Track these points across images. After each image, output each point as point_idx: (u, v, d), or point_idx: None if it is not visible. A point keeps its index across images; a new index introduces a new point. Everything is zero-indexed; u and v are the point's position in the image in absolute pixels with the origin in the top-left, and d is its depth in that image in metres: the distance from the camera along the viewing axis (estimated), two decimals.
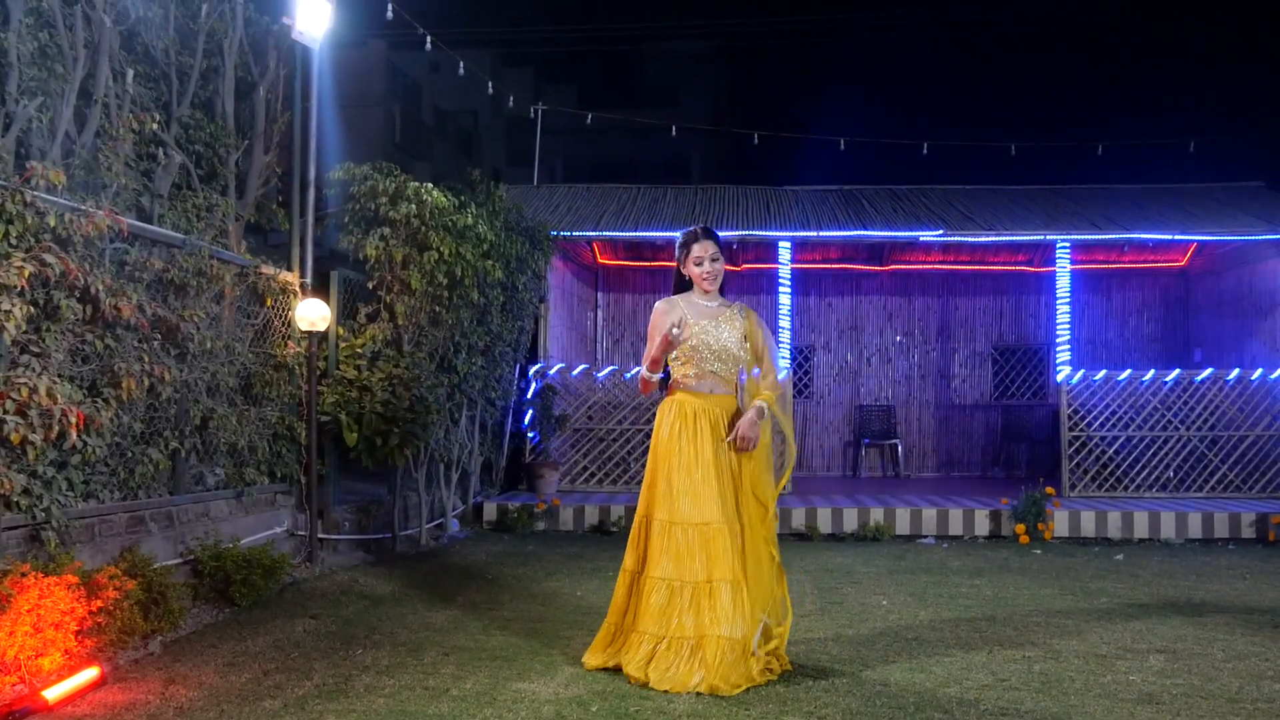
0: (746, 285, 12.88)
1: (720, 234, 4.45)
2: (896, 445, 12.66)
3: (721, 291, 4.42)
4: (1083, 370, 10.10)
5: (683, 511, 4.09)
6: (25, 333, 4.49)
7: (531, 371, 10.14)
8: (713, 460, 4.14)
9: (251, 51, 7.12)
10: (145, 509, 5.43)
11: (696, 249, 4.31)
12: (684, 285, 4.41)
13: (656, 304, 4.39)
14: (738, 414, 4.27)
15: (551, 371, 10.25)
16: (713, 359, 4.25)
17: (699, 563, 4.03)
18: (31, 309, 4.48)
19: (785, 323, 10.38)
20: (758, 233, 10.55)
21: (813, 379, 13.04)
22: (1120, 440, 9.79)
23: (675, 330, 4.14)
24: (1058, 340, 10.31)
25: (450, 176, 10.04)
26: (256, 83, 7.13)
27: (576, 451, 10.24)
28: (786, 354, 10.31)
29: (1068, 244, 10.36)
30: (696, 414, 4.21)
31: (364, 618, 5.32)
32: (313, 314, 6.55)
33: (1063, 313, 10.33)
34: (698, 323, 4.25)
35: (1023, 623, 5.28)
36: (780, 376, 4.47)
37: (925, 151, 14.08)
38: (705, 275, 4.30)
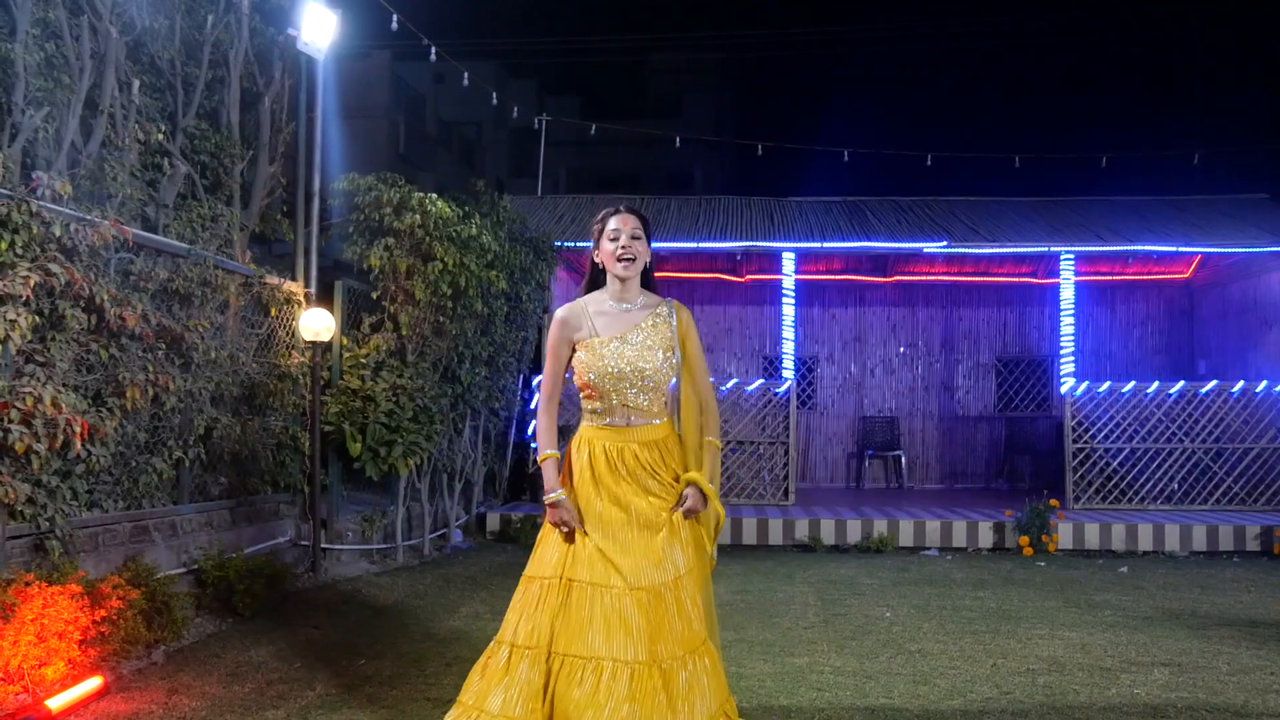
0: (750, 296, 12.89)
1: (724, 245, 3.73)
2: (900, 457, 12.63)
3: (653, 288, 3.34)
4: (1087, 382, 10.09)
5: (602, 572, 3.03)
6: (30, 342, 4.50)
7: (535, 382, 10.14)
8: (632, 511, 3.10)
9: (257, 62, 7.15)
10: (149, 518, 5.43)
11: (614, 222, 3.20)
12: (597, 283, 3.30)
13: (556, 312, 3.30)
14: (668, 442, 3.20)
15: None
16: (627, 389, 3.16)
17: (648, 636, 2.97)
18: (37, 318, 4.50)
19: (789, 334, 10.37)
20: (761, 244, 10.55)
21: (816, 390, 13.02)
22: (1124, 452, 9.77)
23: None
24: (1062, 352, 10.29)
25: (454, 187, 10.04)
26: (262, 93, 7.16)
27: None
28: (790, 365, 10.30)
29: (1072, 256, 10.36)
30: (610, 455, 3.16)
31: (367, 628, 5.31)
32: (317, 324, 6.56)
33: (1067, 324, 10.31)
34: (604, 344, 3.16)
35: (1026, 635, 5.26)
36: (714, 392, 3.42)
37: (929, 163, 14.11)
38: (620, 253, 3.16)
